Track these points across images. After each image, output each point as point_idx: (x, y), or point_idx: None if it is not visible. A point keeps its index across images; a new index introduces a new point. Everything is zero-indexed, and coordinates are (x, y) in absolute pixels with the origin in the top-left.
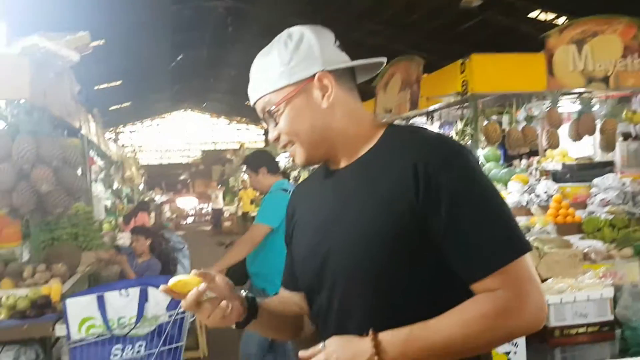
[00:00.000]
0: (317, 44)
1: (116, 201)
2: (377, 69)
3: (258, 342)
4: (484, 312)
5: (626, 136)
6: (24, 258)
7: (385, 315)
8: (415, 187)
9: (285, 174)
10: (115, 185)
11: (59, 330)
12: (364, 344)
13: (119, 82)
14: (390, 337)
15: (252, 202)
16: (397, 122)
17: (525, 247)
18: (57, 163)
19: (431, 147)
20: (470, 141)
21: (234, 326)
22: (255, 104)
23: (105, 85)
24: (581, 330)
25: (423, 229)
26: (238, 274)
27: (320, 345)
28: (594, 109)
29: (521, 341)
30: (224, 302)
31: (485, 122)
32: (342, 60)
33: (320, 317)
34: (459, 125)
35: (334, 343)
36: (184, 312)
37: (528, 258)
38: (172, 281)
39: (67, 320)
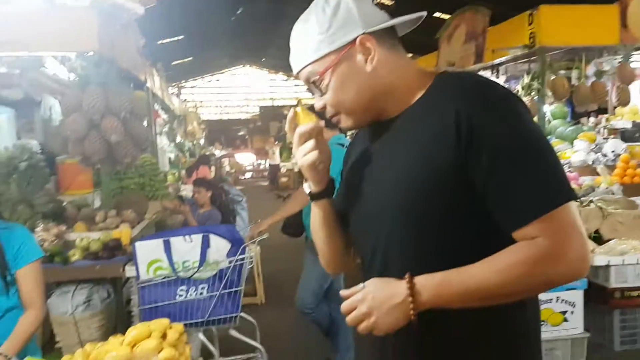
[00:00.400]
0: (355, 7)
1: (179, 154)
2: (419, 22)
3: (313, 291)
4: (522, 259)
5: None
6: (95, 205)
7: (426, 263)
8: (456, 132)
9: (342, 130)
10: (178, 139)
11: (129, 271)
12: (400, 285)
13: (180, 37)
14: (424, 280)
15: None
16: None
17: (569, 195)
18: (125, 114)
19: (475, 92)
20: (536, 96)
21: (309, 191)
22: (298, 74)
23: (167, 40)
24: None
25: (465, 176)
26: (294, 226)
27: (361, 285)
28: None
29: (579, 301)
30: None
31: (553, 77)
32: (382, 19)
33: (365, 263)
34: (526, 79)
35: (372, 284)
36: (242, 259)
37: (572, 207)
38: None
39: (137, 261)
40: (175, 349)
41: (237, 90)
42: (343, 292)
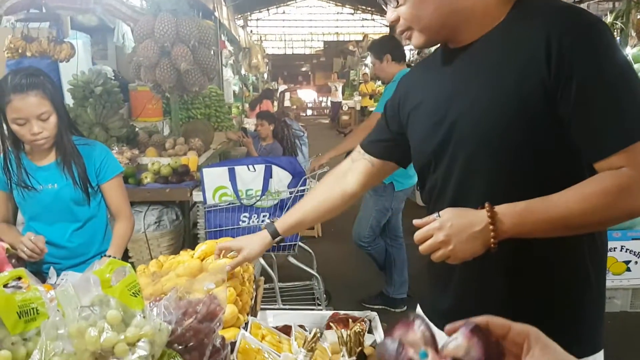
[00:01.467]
0: None
1: (243, 87)
2: None
3: (370, 226)
4: (606, 189)
5: None
6: (164, 132)
7: (504, 192)
8: (547, 59)
9: (410, 66)
10: (243, 72)
11: (196, 196)
12: (480, 214)
13: None
14: (506, 209)
15: (370, 96)
16: None
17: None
18: (194, 42)
19: (566, 18)
20: (619, 37)
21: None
22: None
23: None
24: None
25: (553, 104)
26: None
27: (434, 215)
28: None
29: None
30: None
31: (639, 17)
32: None
33: (433, 198)
34: (609, 18)
35: (449, 212)
36: (303, 190)
37: None
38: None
39: (204, 187)
40: (240, 265)
41: (302, 23)
42: (416, 221)
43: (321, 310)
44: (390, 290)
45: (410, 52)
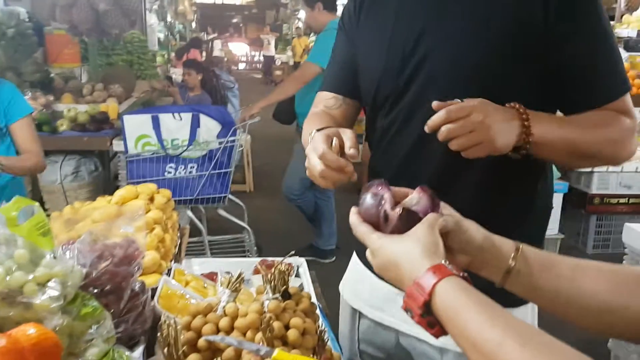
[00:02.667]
0: None
1: (169, 35)
2: None
3: (300, 178)
4: (618, 127)
5: None
6: (82, 79)
7: None
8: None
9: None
10: (169, 19)
11: (116, 145)
12: (510, 110)
13: None
14: (535, 114)
15: (304, 51)
16: None
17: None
18: None
19: None
20: None
21: None
22: None
23: None
24: (622, 200)
25: (546, 46)
26: (286, 113)
27: (456, 100)
28: None
29: (557, 204)
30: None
31: None
32: None
33: (387, 139)
34: None
35: (477, 101)
36: (233, 141)
37: None
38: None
39: (125, 135)
40: (163, 212)
41: None
42: (436, 104)
43: None
44: (320, 242)
45: (345, 0)
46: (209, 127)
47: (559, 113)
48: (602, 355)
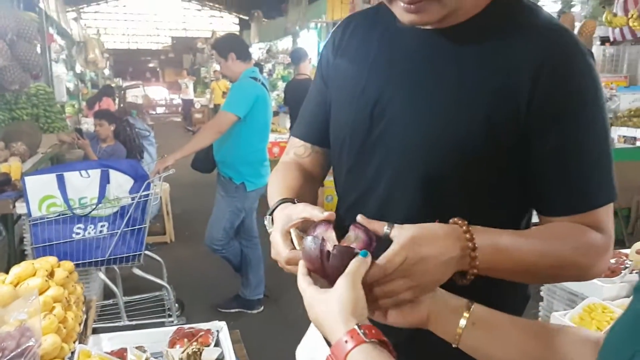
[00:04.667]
0: None
1: (79, 85)
2: None
3: (224, 228)
4: (581, 245)
5: (603, 40)
6: None
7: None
8: (530, 90)
9: (258, 66)
10: (79, 69)
11: (19, 207)
12: (455, 241)
13: None
14: (484, 238)
15: (224, 94)
16: None
17: (617, 193)
18: (12, 36)
19: (561, 46)
20: None
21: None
22: None
23: None
24: None
25: (520, 139)
26: (205, 162)
27: (385, 227)
28: (574, 9)
29: None
30: None
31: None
32: None
33: (358, 191)
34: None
35: (410, 235)
36: (146, 195)
37: None
38: None
39: (27, 197)
40: (64, 287)
41: (146, 17)
42: (360, 218)
43: (172, 322)
44: (247, 292)
45: (259, 50)
46: (120, 182)
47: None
48: None
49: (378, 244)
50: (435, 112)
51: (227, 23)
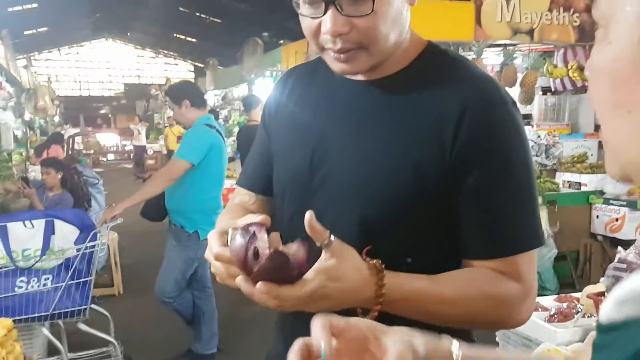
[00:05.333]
0: None
1: (28, 132)
2: None
3: (175, 279)
4: (496, 294)
5: (545, 90)
6: None
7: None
8: (453, 136)
9: (214, 112)
10: (27, 116)
11: None
12: (366, 283)
13: (34, 5)
14: (394, 284)
15: (179, 138)
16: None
17: (542, 240)
18: None
19: (484, 94)
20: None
21: None
22: None
23: (19, 8)
24: None
25: (446, 184)
26: (156, 210)
27: (325, 242)
28: (516, 61)
29: None
30: None
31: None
32: None
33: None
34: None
35: (326, 268)
36: (93, 246)
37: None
38: None
39: None
40: (2, 346)
41: (99, 65)
42: (309, 215)
43: None
44: (199, 347)
45: (215, 97)
46: (65, 233)
47: None
48: None
49: (312, 264)
50: (369, 159)
51: (182, 70)
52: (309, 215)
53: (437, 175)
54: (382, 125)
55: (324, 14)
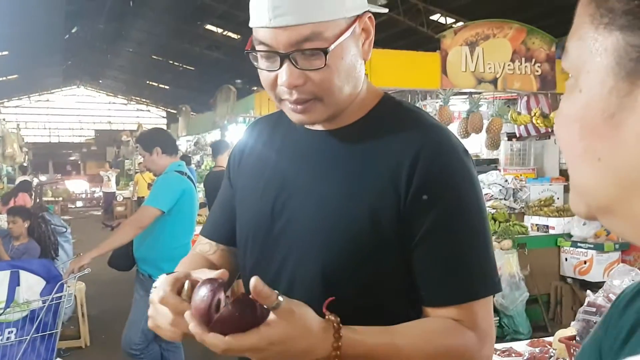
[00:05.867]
0: None
1: None
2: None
3: (142, 330)
4: (455, 345)
5: (510, 136)
6: None
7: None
8: (407, 183)
9: (186, 158)
10: None
11: None
12: (323, 340)
13: (5, 53)
14: (352, 342)
15: (149, 185)
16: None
17: (498, 287)
18: None
19: (436, 142)
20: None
21: None
22: (288, 28)
23: None
24: None
25: (402, 232)
26: (124, 259)
27: (273, 304)
28: (481, 108)
29: None
30: None
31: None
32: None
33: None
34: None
35: (282, 323)
36: (59, 298)
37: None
38: None
39: None
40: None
41: (69, 112)
42: (254, 280)
43: None
44: None
45: (187, 142)
46: (31, 284)
47: None
48: None
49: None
50: (328, 207)
51: (154, 116)
52: (253, 280)
53: (393, 222)
54: (341, 174)
55: (279, 68)
